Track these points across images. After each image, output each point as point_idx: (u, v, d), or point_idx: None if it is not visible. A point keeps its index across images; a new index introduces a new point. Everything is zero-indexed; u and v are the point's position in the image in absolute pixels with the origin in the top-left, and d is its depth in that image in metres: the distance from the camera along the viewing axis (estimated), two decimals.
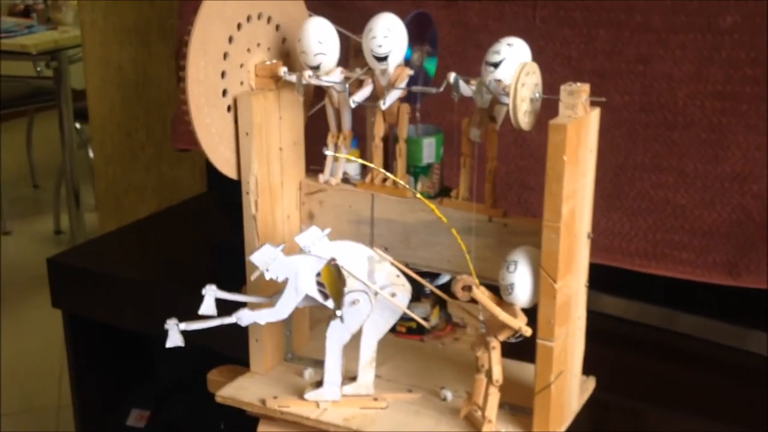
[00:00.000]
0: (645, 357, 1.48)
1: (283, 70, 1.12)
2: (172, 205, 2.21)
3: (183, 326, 1.07)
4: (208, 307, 1.07)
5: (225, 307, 1.09)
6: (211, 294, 1.07)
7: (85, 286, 1.81)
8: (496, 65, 1.03)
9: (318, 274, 1.05)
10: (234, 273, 1.13)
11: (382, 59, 1.09)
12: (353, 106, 1.12)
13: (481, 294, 1.00)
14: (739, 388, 1.39)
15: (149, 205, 2.50)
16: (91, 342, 1.89)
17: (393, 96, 1.11)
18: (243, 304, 1.10)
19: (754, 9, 1.36)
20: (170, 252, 1.90)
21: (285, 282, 1.06)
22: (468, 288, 1.00)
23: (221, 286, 1.07)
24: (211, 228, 2.05)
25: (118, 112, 2.47)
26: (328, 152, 1.16)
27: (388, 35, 1.08)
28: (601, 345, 1.14)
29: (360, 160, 1.14)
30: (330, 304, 1.06)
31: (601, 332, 1.13)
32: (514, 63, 1.01)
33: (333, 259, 1.04)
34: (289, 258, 1.05)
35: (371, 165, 1.14)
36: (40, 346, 3.20)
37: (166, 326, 1.07)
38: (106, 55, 2.45)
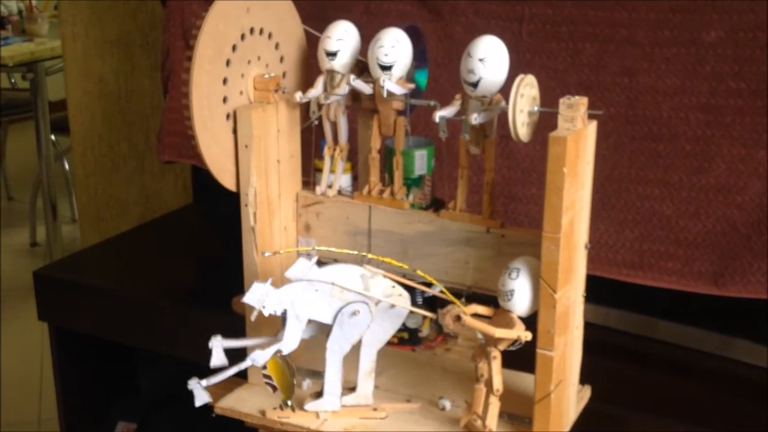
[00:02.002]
0: (627, 364, 1.50)
1: (298, 95, 1.14)
2: (158, 217, 2.21)
3: (204, 382, 1.09)
4: (218, 358, 1.09)
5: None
6: (218, 346, 1.08)
7: (71, 299, 1.80)
8: (474, 85, 1.04)
9: (264, 367, 1.07)
10: (221, 285, 1.13)
11: (387, 68, 1.10)
12: (353, 83, 1.13)
13: (472, 320, 1.02)
14: (723, 395, 1.41)
15: (131, 218, 2.49)
16: (77, 354, 1.88)
17: (393, 87, 1.12)
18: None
19: (738, 24, 1.39)
20: (157, 265, 1.90)
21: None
22: (457, 318, 1.02)
23: (209, 298, 1.08)
24: (196, 240, 2.05)
25: (100, 125, 2.47)
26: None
27: (396, 46, 1.10)
28: (587, 353, 1.15)
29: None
30: (331, 318, 1.07)
31: (587, 341, 1.15)
32: (492, 76, 1.03)
33: (279, 351, 1.07)
34: (281, 289, 1.06)
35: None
36: (19, 359, 3.18)
37: (190, 387, 1.09)
38: (87, 68, 2.45)
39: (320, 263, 1.10)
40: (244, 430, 1.20)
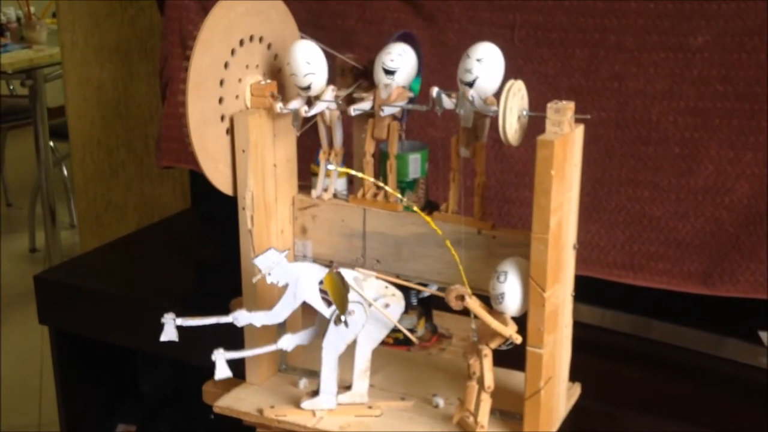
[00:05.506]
0: (621, 364, 1.52)
1: (279, 106, 1.16)
2: (157, 221, 2.23)
3: (179, 321, 1.10)
4: (222, 370, 1.11)
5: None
6: (221, 358, 1.11)
7: (71, 303, 1.82)
8: (470, 84, 1.07)
9: (321, 282, 1.09)
10: (219, 287, 1.15)
11: (390, 72, 1.14)
12: (353, 114, 1.16)
13: (474, 303, 1.05)
14: (714, 393, 1.43)
15: (130, 223, 2.52)
16: (77, 358, 1.90)
17: (391, 109, 1.15)
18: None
19: (724, 29, 1.42)
20: (156, 268, 1.92)
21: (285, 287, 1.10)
22: (461, 297, 1.05)
23: (206, 301, 1.10)
24: (195, 244, 2.08)
25: (99, 131, 2.50)
26: (330, 166, 1.20)
27: (402, 55, 1.15)
28: (579, 352, 1.18)
29: (359, 174, 1.18)
30: (328, 313, 1.09)
31: (579, 340, 1.17)
32: (487, 78, 1.05)
33: (336, 266, 1.08)
34: (292, 264, 1.10)
35: (370, 179, 1.18)
36: (19, 363, 3.20)
37: (163, 320, 1.11)
38: (86, 75, 2.47)
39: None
40: (242, 430, 1.22)
